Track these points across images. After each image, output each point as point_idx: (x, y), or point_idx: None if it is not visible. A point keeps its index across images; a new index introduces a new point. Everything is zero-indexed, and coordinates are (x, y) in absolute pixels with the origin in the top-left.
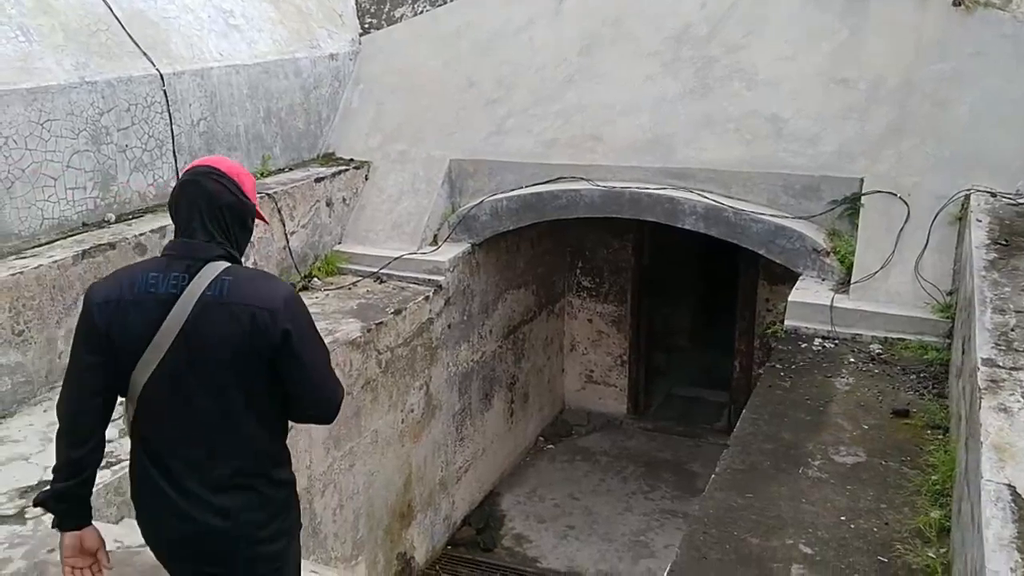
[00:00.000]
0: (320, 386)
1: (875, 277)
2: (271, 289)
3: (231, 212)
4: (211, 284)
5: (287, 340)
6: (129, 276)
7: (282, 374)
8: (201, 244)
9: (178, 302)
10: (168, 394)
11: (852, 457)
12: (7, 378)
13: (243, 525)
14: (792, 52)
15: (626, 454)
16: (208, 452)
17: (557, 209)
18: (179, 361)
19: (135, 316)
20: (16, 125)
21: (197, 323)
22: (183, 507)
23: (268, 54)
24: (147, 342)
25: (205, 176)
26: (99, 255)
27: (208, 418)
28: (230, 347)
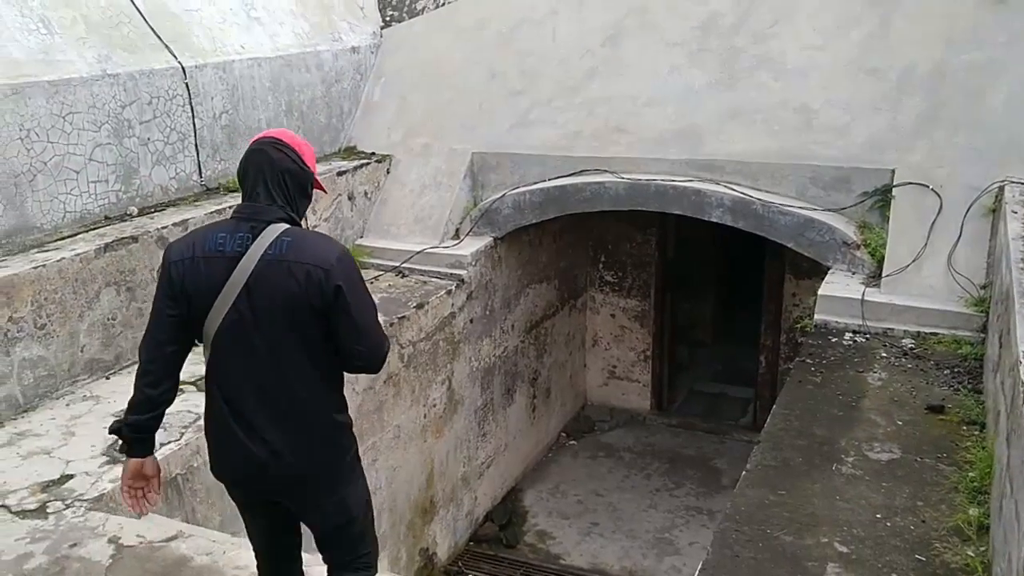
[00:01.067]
0: (367, 337)
1: (907, 270)
2: (326, 248)
3: (292, 178)
4: (272, 243)
5: (339, 295)
6: (202, 236)
7: (333, 326)
8: (264, 207)
9: (243, 259)
10: (235, 341)
11: (887, 453)
12: (29, 372)
13: (300, 460)
14: (821, 42)
15: (650, 450)
16: (269, 393)
17: (581, 202)
18: (243, 312)
19: (206, 271)
20: (38, 118)
21: (259, 278)
22: (247, 442)
23: (290, 47)
24: (216, 295)
25: (269, 145)
26: (121, 248)
27: (269, 363)
28: (287, 300)
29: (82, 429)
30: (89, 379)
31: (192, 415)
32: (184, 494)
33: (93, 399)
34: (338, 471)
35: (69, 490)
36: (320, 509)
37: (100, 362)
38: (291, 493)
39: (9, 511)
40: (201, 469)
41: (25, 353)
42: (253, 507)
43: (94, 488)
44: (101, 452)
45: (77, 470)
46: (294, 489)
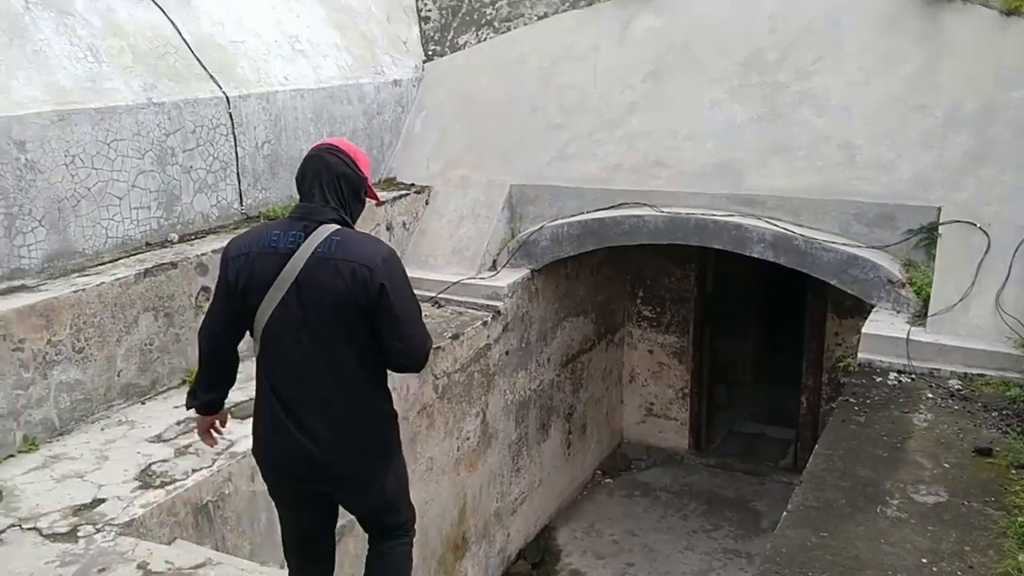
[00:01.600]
0: (410, 336)
1: (954, 310)
2: (372, 249)
3: (347, 182)
4: (322, 242)
5: (383, 293)
6: (257, 233)
7: (377, 323)
8: (318, 208)
9: (294, 256)
10: (284, 335)
11: (933, 496)
12: (66, 395)
13: (346, 451)
14: (865, 78)
15: (687, 490)
16: (316, 386)
17: (619, 235)
18: (292, 306)
19: (259, 266)
20: (83, 144)
21: (308, 274)
22: (297, 433)
23: (333, 79)
24: (267, 289)
25: (326, 151)
26: (161, 274)
27: (315, 357)
28: (334, 296)
29: (116, 454)
30: (124, 404)
31: (224, 442)
32: (215, 521)
33: (128, 424)
34: (381, 462)
35: (100, 514)
36: (362, 496)
37: (136, 387)
38: (336, 482)
39: (40, 534)
40: (232, 496)
41: (63, 376)
42: (296, 498)
43: (125, 513)
44: (133, 477)
45: (109, 494)
46: (339, 478)
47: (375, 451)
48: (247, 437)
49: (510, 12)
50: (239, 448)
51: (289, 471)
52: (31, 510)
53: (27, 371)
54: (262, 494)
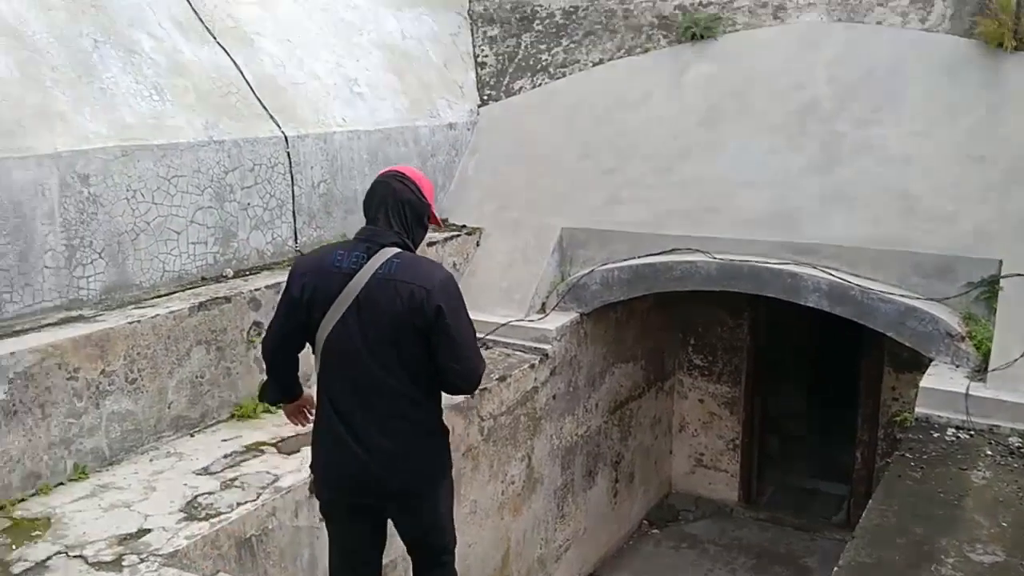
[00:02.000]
0: (465, 358)
1: (1015, 365)
2: (431, 272)
3: (411, 208)
4: (384, 263)
5: (439, 315)
6: (324, 253)
7: (433, 344)
8: (382, 231)
9: (356, 276)
10: (343, 350)
11: (990, 556)
12: (117, 425)
13: (403, 465)
14: (925, 128)
15: (736, 544)
16: (371, 401)
17: (671, 281)
18: (351, 324)
19: (323, 284)
20: (145, 179)
21: (369, 294)
22: (355, 447)
23: (389, 121)
24: (330, 305)
25: (393, 178)
26: (214, 308)
27: (372, 373)
28: (392, 316)
29: (163, 484)
30: (174, 436)
31: (270, 476)
32: (257, 556)
33: (176, 455)
34: (435, 478)
35: (145, 544)
36: (414, 511)
37: (186, 419)
38: (391, 496)
39: (86, 562)
40: (276, 531)
41: (115, 407)
42: (349, 514)
43: (169, 544)
44: (179, 509)
45: (155, 525)
46: (392, 493)
47: (428, 467)
48: (292, 472)
49: (565, 59)
50: (284, 483)
51: (345, 485)
52: (78, 538)
53: (80, 400)
54: (306, 530)
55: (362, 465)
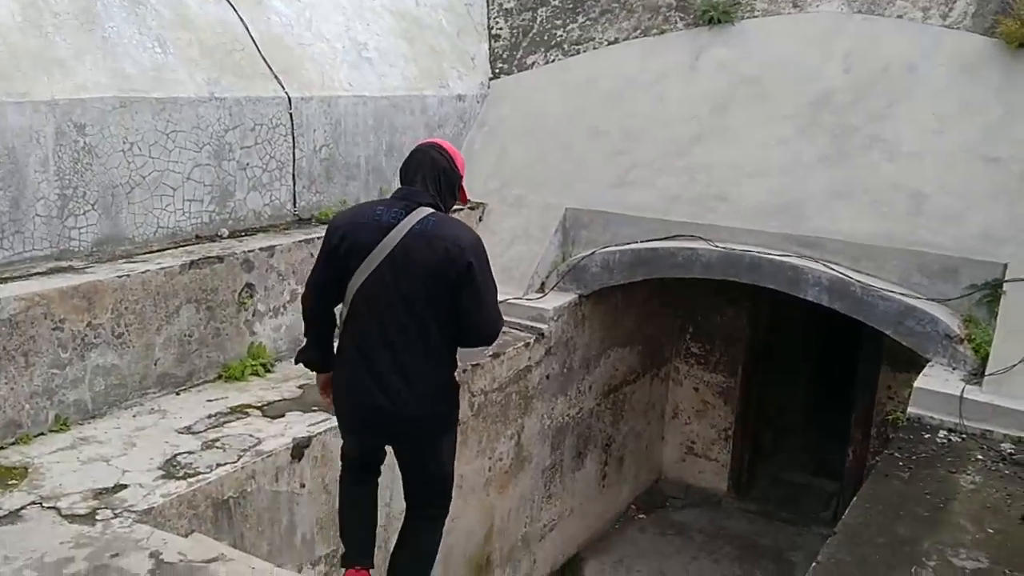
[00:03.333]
0: (486, 311)
1: (1013, 371)
2: (464, 231)
3: (445, 176)
4: (420, 220)
5: (469, 270)
6: (363, 208)
7: (460, 297)
8: (419, 191)
9: (394, 229)
10: (374, 299)
11: (973, 562)
12: (101, 379)
13: (415, 406)
14: (939, 126)
15: (723, 534)
16: (395, 346)
17: (672, 267)
18: (386, 274)
19: (362, 235)
20: (142, 132)
21: (404, 247)
22: (373, 387)
23: (396, 89)
24: (366, 255)
25: (431, 148)
26: (206, 267)
27: (400, 321)
28: (425, 268)
29: (144, 441)
30: (159, 393)
31: (252, 439)
32: (234, 518)
33: (160, 413)
34: (443, 422)
35: (120, 500)
36: (420, 452)
37: (172, 377)
38: (402, 435)
39: (60, 513)
40: (255, 495)
41: (100, 360)
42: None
43: (145, 500)
44: (158, 466)
45: (131, 481)
46: (405, 431)
47: (440, 411)
48: (275, 437)
49: (580, 36)
50: (266, 447)
51: (365, 421)
52: (53, 489)
53: (65, 352)
54: (285, 495)
55: (378, 404)
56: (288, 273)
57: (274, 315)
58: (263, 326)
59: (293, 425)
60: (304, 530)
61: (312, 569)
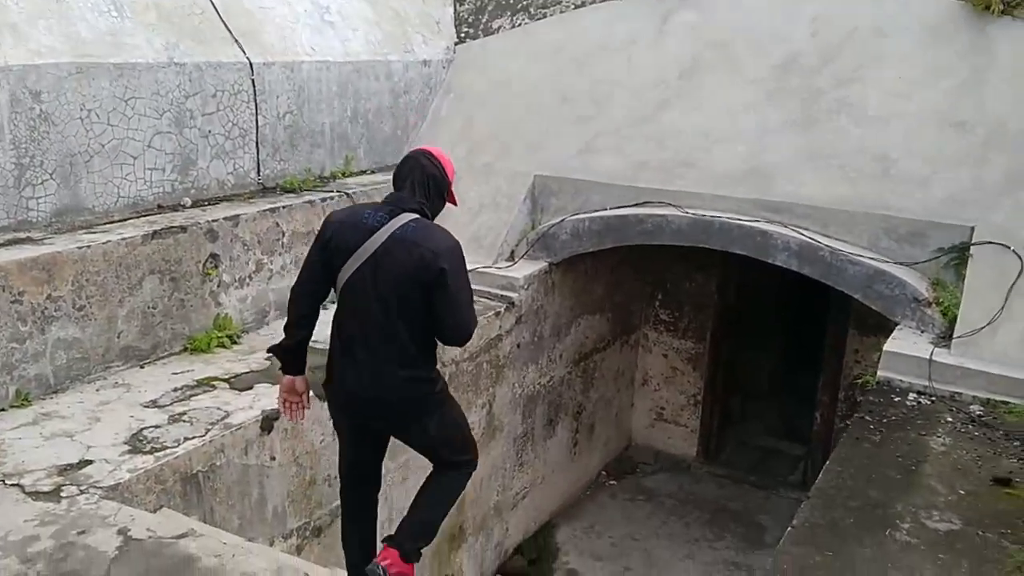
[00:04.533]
0: (459, 313)
1: (980, 333)
2: (441, 238)
3: (434, 182)
4: (402, 226)
5: (442, 274)
6: (354, 209)
7: (433, 300)
8: (406, 198)
9: (377, 232)
10: (357, 294)
11: (945, 524)
12: (63, 352)
13: (389, 392)
14: (907, 90)
15: (692, 499)
16: (376, 340)
17: (641, 234)
18: (367, 273)
19: (350, 235)
20: (100, 99)
21: (385, 249)
22: (354, 373)
23: (360, 54)
24: (351, 254)
25: (422, 155)
26: (169, 237)
27: (378, 318)
28: (402, 270)
29: (108, 416)
30: (123, 366)
31: (220, 412)
32: (204, 492)
33: (124, 387)
34: (421, 404)
35: (86, 476)
36: (406, 432)
37: (136, 350)
38: (382, 417)
39: (23, 491)
40: (224, 468)
41: (60, 333)
42: (353, 432)
43: (111, 476)
44: (124, 441)
45: (97, 456)
46: (384, 414)
47: (415, 396)
48: (243, 409)
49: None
50: (235, 419)
51: (346, 407)
52: (16, 466)
53: (24, 324)
54: (255, 468)
55: (360, 391)
56: (253, 243)
57: (240, 286)
58: (229, 297)
59: (262, 397)
60: (275, 503)
61: (284, 542)
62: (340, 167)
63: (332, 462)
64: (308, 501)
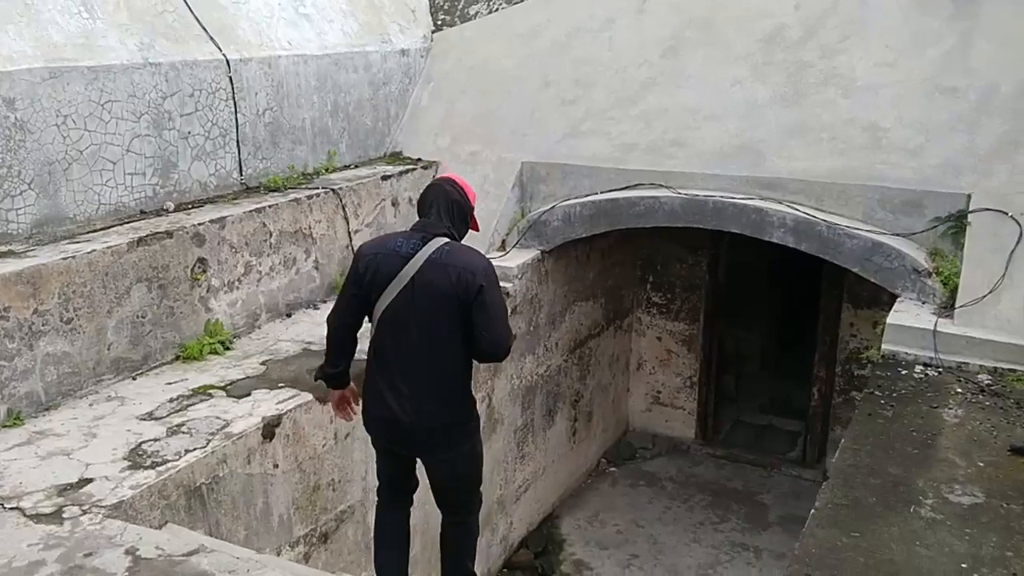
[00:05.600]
0: (495, 330)
1: (983, 302)
2: (475, 258)
3: (458, 207)
4: (436, 250)
5: (480, 293)
6: (385, 239)
7: (472, 318)
8: (435, 223)
9: (413, 259)
10: (396, 321)
11: (968, 497)
12: (53, 368)
13: (429, 418)
14: (894, 58)
15: (693, 481)
16: (415, 364)
17: (634, 217)
18: (406, 298)
19: (384, 265)
20: (76, 104)
21: (422, 274)
22: (392, 399)
23: (338, 46)
24: (389, 282)
25: (444, 181)
26: (155, 243)
27: (418, 342)
28: (440, 293)
29: (104, 431)
30: (115, 379)
31: (219, 421)
32: (208, 505)
33: (118, 400)
34: (457, 433)
35: (87, 495)
36: (437, 460)
37: (127, 361)
38: (419, 443)
39: (23, 514)
40: (227, 479)
41: (49, 348)
42: (388, 453)
43: (113, 494)
44: (123, 456)
45: (96, 474)
46: (421, 440)
47: (454, 422)
48: (242, 417)
49: None
50: (235, 428)
51: (382, 430)
52: (14, 488)
53: (12, 341)
54: (259, 477)
55: (395, 416)
56: (241, 245)
57: (229, 290)
58: (218, 302)
59: (260, 404)
60: (281, 511)
61: (291, 551)
62: (323, 163)
63: (336, 465)
64: (313, 507)
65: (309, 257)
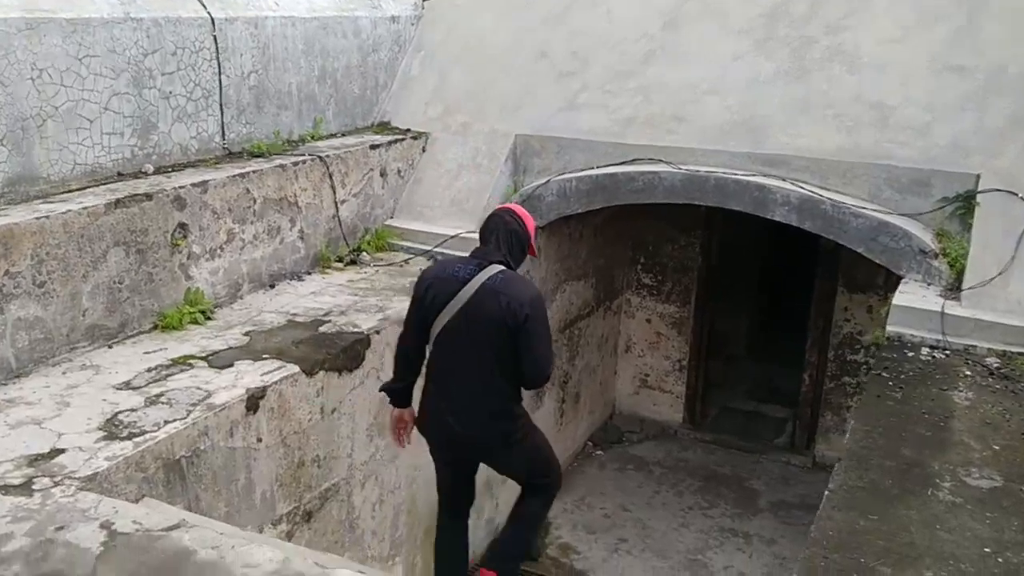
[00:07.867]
0: (541, 354)
1: (992, 283)
2: (526, 288)
3: (516, 237)
4: (490, 277)
5: (527, 321)
6: (445, 264)
7: (518, 343)
8: (492, 252)
9: (468, 283)
10: (450, 341)
11: (987, 481)
12: (24, 334)
13: (479, 431)
14: (901, 35)
15: (682, 466)
16: (466, 381)
17: (632, 192)
18: (460, 322)
19: (443, 288)
20: (52, 58)
21: (476, 299)
22: (446, 413)
23: (326, 9)
24: (446, 305)
25: (504, 212)
26: (134, 205)
27: (470, 361)
28: (491, 318)
29: (78, 400)
30: (89, 347)
31: (201, 392)
32: (187, 479)
33: (92, 368)
34: (505, 443)
35: (59, 466)
36: (494, 463)
37: (103, 328)
38: (472, 452)
39: None
40: (209, 452)
41: (20, 312)
42: (448, 461)
43: (87, 466)
44: (98, 427)
45: (69, 444)
46: (473, 450)
47: (502, 434)
48: (225, 389)
49: None
50: (217, 400)
51: (440, 441)
52: None
53: None
54: (241, 451)
55: (450, 425)
56: (224, 211)
57: (211, 257)
58: (199, 269)
59: (244, 375)
60: (263, 488)
61: (274, 529)
62: (309, 130)
63: (321, 441)
64: (297, 484)
65: (294, 227)
